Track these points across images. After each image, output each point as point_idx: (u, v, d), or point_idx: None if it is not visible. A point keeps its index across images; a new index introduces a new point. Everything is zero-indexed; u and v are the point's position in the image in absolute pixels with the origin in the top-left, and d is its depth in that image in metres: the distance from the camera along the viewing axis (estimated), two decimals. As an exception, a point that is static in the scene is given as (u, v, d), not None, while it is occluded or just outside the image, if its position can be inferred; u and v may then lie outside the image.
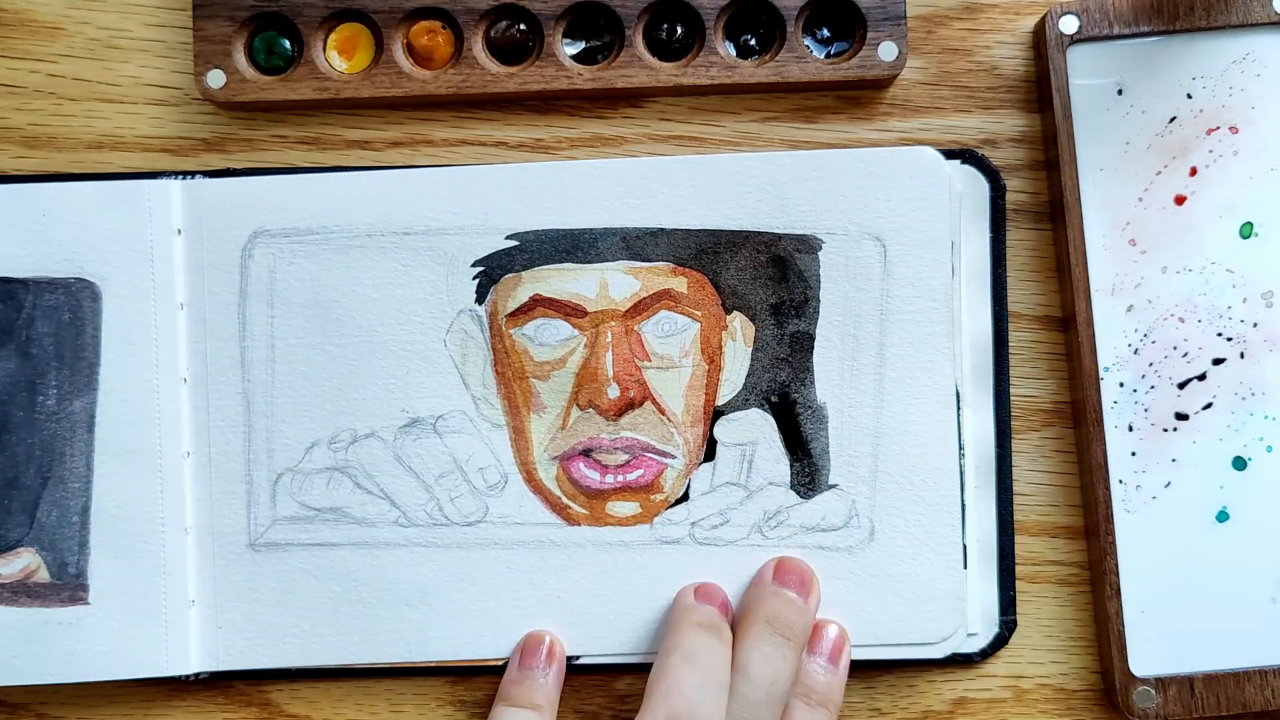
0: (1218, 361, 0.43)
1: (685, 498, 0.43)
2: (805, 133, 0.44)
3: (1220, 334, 0.42)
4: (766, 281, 0.43)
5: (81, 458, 0.42)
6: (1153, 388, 0.43)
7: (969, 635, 0.43)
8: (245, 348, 0.43)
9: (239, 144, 0.44)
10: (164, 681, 0.43)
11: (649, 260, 0.43)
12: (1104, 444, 0.42)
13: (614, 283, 0.43)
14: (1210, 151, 0.42)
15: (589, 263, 0.43)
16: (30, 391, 0.43)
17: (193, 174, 0.43)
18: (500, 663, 0.43)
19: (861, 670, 0.43)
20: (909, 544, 0.42)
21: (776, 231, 0.42)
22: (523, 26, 0.44)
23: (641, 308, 0.43)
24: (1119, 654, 0.42)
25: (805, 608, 0.41)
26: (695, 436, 0.43)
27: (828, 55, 0.43)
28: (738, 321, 0.43)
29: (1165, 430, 0.42)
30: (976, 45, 0.44)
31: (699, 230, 0.42)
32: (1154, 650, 0.42)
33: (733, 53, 0.43)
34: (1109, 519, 0.42)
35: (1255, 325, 0.43)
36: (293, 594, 0.43)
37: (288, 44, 0.44)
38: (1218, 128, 0.42)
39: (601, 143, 0.44)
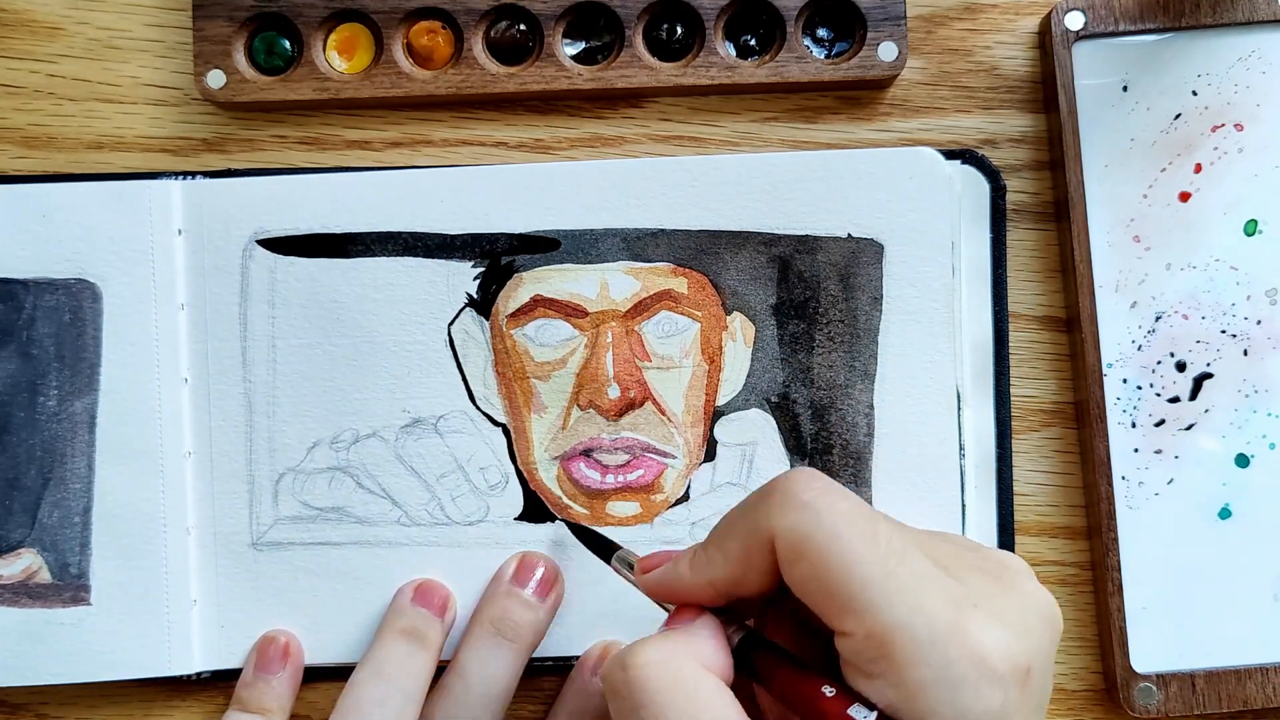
0: (1221, 359, 0.41)
1: (685, 498, 0.41)
2: (805, 133, 0.43)
3: (1224, 331, 0.41)
4: (766, 282, 0.41)
5: (83, 458, 0.41)
6: (1155, 384, 0.41)
7: (970, 635, 0.41)
8: (246, 348, 0.42)
9: (239, 144, 0.43)
10: (165, 681, 0.42)
11: (649, 261, 0.41)
12: (1107, 440, 0.41)
13: (614, 283, 0.41)
14: (1215, 149, 0.41)
15: (589, 263, 0.41)
16: (31, 392, 0.41)
17: (193, 174, 0.42)
18: (501, 663, 0.41)
19: (862, 670, 0.41)
20: (910, 544, 0.40)
21: (776, 232, 0.41)
22: (523, 26, 0.42)
23: (642, 308, 0.41)
24: (1120, 650, 0.40)
25: (537, 606, 0.40)
26: (695, 437, 0.41)
27: (828, 55, 0.42)
28: (738, 322, 0.41)
29: (1168, 427, 0.41)
30: (976, 45, 0.43)
31: (699, 231, 0.41)
32: (1156, 647, 0.41)
33: (733, 53, 0.42)
34: (1111, 515, 0.41)
35: (1259, 323, 0.41)
36: (295, 593, 0.42)
37: (288, 44, 0.42)
38: (1223, 125, 0.41)
39: (601, 143, 0.43)
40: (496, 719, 0.39)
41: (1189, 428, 0.41)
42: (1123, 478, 0.41)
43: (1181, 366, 0.41)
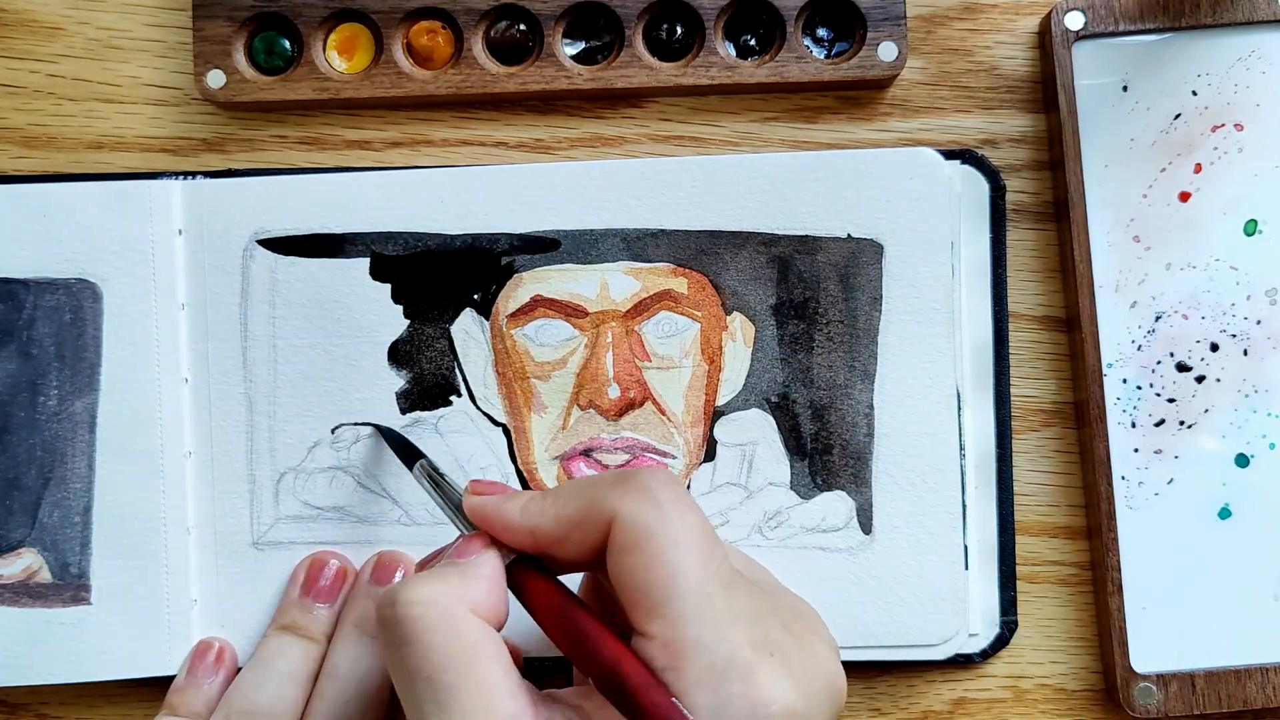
0: (1221, 359, 0.41)
1: None
2: (805, 133, 0.43)
3: (1224, 331, 0.41)
4: (766, 282, 0.41)
5: (83, 458, 0.41)
6: (1155, 384, 0.41)
7: (970, 636, 0.41)
8: (247, 347, 0.41)
9: (239, 144, 0.43)
10: (166, 681, 0.41)
11: (649, 261, 0.41)
12: (1107, 440, 0.41)
13: (614, 283, 0.41)
14: (1215, 148, 0.41)
15: (589, 263, 0.41)
16: (31, 392, 0.41)
17: (193, 174, 0.42)
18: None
19: (860, 671, 0.42)
20: (909, 545, 0.41)
21: (776, 232, 0.41)
22: (523, 26, 0.42)
23: (642, 308, 0.41)
24: (1120, 650, 0.40)
25: None
26: (695, 437, 0.41)
27: (828, 55, 0.42)
28: (738, 322, 0.41)
29: (1168, 427, 0.41)
30: (976, 45, 0.43)
31: (699, 231, 0.41)
32: (1155, 647, 0.41)
33: (733, 53, 0.42)
34: (1111, 515, 0.41)
35: (1259, 322, 0.41)
36: None
37: (288, 44, 0.42)
38: (1223, 125, 0.41)
39: (601, 143, 0.43)
40: (375, 716, 0.38)
41: (1189, 428, 0.41)
42: (1123, 478, 0.41)
43: (1181, 366, 0.41)
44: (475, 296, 0.41)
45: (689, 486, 0.41)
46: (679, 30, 0.42)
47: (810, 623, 0.33)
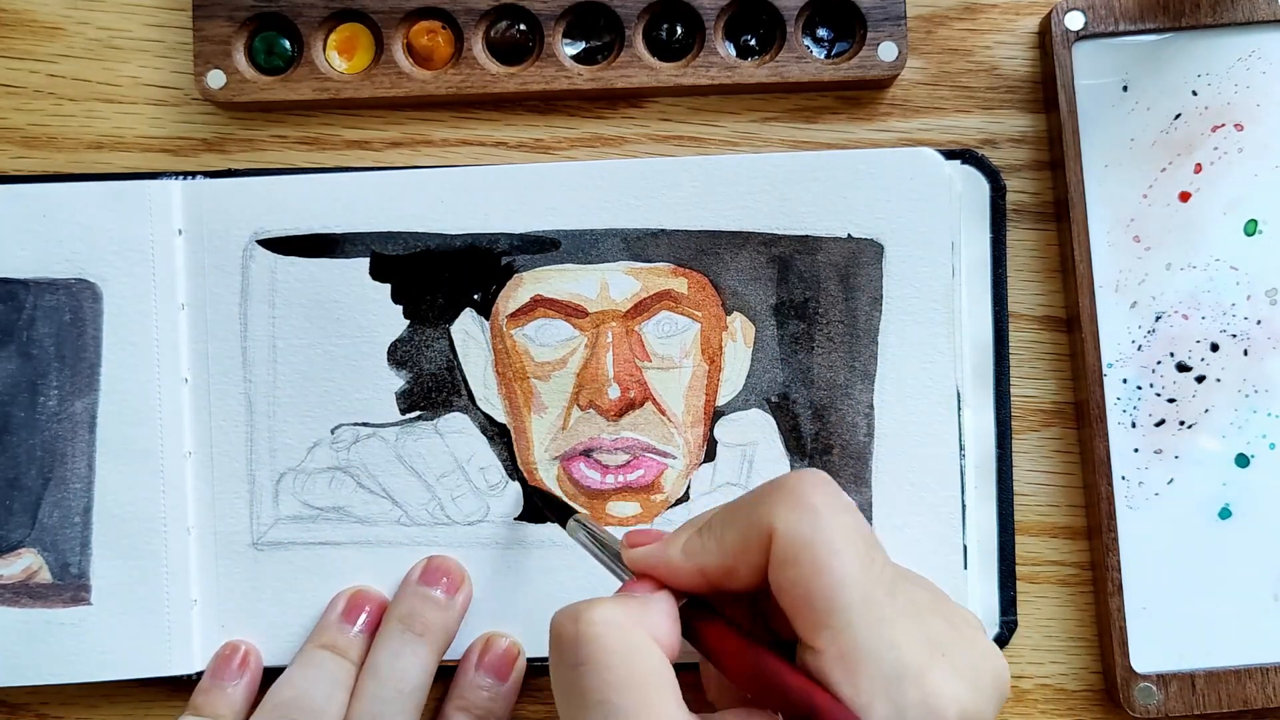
0: (1221, 359, 0.41)
1: (686, 498, 0.41)
2: (805, 133, 0.43)
3: (1224, 331, 0.41)
4: (767, 282, 0.41)
5: (83, 458, 0.41)
6: (1155, 384, 0.41)
7: (970, 635, 0.40)
8: (247, 348, 0.41)
9: (239, 144, 0.43)
10: (166, 681, 0.41)
11: (649, 261, 0.41)
12: (1107, 440, 0.41)
13: (614, 283, 0.41)
14: (1215, 148, 0.41)
15: (589, 263, 0.41)
16: (31, 392, 0.41)
17: (193, 174, 0.42)
18: (501, 663, 0.41)
19: (862, 670, 0.41)
20: (909, 544, 0.41)
21: (776, 232, 0.41)
22: (523, 26, 0.42)
23: (642, 308, 0.41)
24: (1120, 650, 0.40)
25: (447, 604, 0.40)
26: (696, 437, 0.41)
27: (828, 55, 0.42)
28: (738, 322, 0.41)
29: (1168, 427, 0.41)
30: (976, 45, 0.43)
31: (699, 231, 0.41)
32: (1155, 647, 0.41)
33: (733, 53, 0.42)
34: (1111, 515, 0.41)
35: (1259, 322, 0.41)
36: (295, 593, 0.41)
37: (288, 44, 0.42)
38: (1223, 125, 0.41)
39: (601, 143, 0.43)
40: (412, 715, 0.38)
41: (1189, 428, 0.41)
42: (1123, 478, 0.41)
43: (1182, 366, 0.41)
44: (475, 296, 0.41)
45: (688, 487, 0.41)
46: (679, 30, 0.42)
47: (964, 612, 0.32)
